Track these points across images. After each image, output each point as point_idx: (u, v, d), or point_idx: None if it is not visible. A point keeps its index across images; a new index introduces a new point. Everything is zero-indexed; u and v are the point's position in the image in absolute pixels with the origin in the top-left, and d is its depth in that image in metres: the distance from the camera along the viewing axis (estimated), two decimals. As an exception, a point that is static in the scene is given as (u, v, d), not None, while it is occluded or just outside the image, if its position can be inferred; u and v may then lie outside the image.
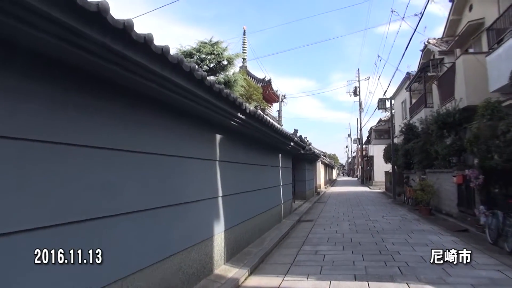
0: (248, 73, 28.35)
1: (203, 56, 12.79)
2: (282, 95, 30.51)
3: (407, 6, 34.59)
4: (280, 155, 11.03)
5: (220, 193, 5.49)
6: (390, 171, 22.50)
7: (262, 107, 16.08)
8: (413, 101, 19.53)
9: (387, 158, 21.98)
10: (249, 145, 7.33)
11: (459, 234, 8.52)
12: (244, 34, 30.69)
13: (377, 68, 68.99)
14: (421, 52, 18.66)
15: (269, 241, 7.61)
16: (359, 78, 42.22)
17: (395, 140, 21.33)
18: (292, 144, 11.03)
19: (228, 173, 5.93)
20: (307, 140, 16.13)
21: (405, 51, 25.62)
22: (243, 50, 30.05)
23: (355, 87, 42.51)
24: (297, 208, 14.14)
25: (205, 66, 12.72)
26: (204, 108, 4.27)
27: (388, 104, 21.90)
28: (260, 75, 29.46)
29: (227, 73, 13.24)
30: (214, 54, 12.71)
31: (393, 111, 22.09)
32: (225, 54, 13.10)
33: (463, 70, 11.21)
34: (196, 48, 13.01)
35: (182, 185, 4.30)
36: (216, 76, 13.00)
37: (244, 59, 29.96)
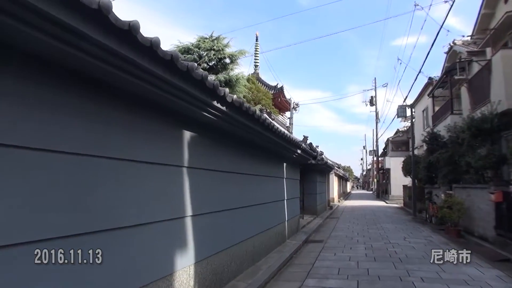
0: (260, 80, 27.45)
1: (202, 52, 11.41)
2: (295, 103, 29.18)
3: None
4: (285, 164, 9.53)
5: (189, 212, 4.02)
6: (409, 185, 20.74)
7: (268, 110, 14.62)
8: (436, 108, 17.78)
9: (406, 171, 20.25)
10: (239, 149, 5.84)
11: (502, 265, 6.89)
12: (256, 40, 29.77)
13: (396, 72, 66.11)
14: (445, 55, 16.96)
15: (265, 270, 6.09)
16: (375, 87, 40.41)
17: (415, 152, 19.57)
18: (299, 151, 9.53)
19: (204, 184, 4.48)
20: (319, 150, 14.62)
21: (431, 46, 23.25)
22: (255, 56, 29.28)
23: (371, 97, 40.72)
24: (306, 225, 12.56)
25: (204, 64, 11.33)
26: (152, 87, 2.86)
27: (408, 112, 20.17)
28: (273, 83, 28.33)
29: (228, 72, 11.79)
30: (214, 50, 11.31)
31: (413, 120, 20.36)
32: (226, 50, 11.68)
33: (501, 67, 9.56)
34: (195, 44, 11.64)
35: (113, 202, 2.86)
36: (217, 75, 11.59)
37: (256, 65, 29.21)
